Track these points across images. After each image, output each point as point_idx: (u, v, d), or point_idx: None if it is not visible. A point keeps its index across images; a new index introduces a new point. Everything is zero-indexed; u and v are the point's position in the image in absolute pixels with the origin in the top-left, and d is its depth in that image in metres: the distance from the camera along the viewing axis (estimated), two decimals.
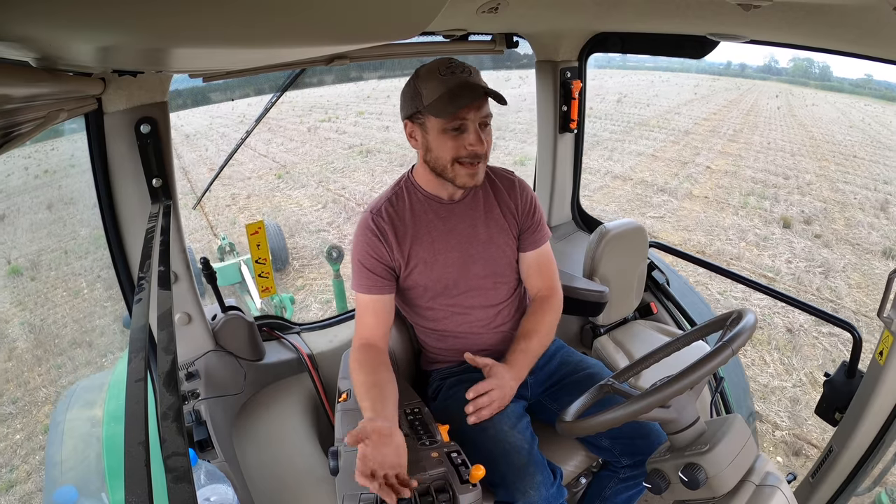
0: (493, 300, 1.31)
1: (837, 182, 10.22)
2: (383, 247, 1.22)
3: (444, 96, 1.10)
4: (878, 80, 31.32)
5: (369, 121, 17.49)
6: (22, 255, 5.31)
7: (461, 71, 1.13)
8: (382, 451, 0.93)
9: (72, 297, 4.77)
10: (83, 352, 3.99)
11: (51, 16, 0.28)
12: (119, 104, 1.17)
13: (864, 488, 1.40)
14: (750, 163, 11.57)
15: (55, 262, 5.22)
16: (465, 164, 1.16)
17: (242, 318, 1.53)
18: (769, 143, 13.73)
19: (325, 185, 9.63)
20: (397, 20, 0.49)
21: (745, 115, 19.00)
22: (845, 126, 17.47)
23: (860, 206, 8.71)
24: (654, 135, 14.73)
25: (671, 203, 8.56)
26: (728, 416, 0.98)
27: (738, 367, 2.13)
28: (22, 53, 0.46)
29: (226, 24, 0.36)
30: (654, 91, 26.79)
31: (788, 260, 6.41)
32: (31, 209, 6.54)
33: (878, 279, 5.79)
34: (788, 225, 7.53)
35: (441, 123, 1.13)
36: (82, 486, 1.71)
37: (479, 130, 1.14)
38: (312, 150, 13.23)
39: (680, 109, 20.18)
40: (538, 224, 1.34)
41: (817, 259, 6.40)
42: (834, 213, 8.26)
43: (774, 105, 22.79)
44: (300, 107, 21.16)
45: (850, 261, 6.38)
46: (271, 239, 5.45)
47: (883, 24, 0.83)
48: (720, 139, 14.23)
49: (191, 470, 0.47)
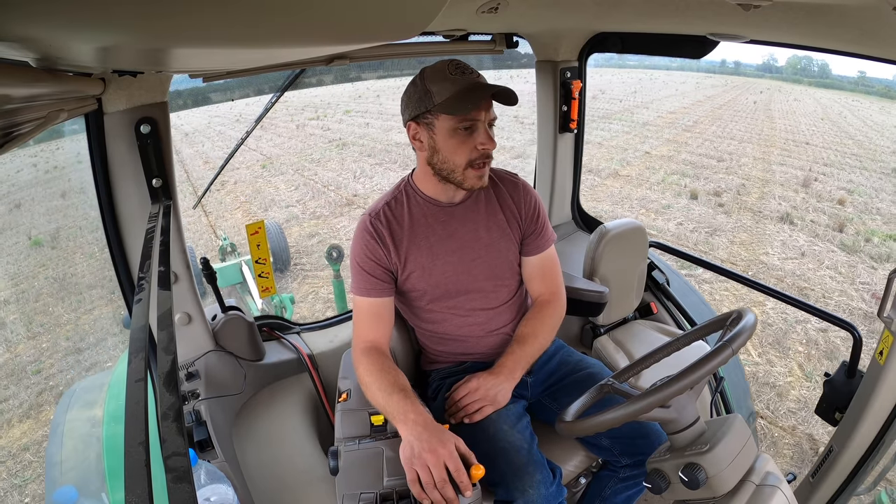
0: (493, 303, 1.31)
1: (773, 164, 11.09)
2: (381, 249, 1.22)
3: (458, 94, 1.10)
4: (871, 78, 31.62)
5: (353, 118, 18.90)
6: (41, 233, 6.32)
7: (470, 72, 1.13)
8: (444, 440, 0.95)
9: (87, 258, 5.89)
10: (98, 291, 5.17)
11: (51, 16, 0.28)
12: (119, 104, 1.17)
13: (864, 488, 1.40)
14: (693, 149, 12.40)
15: (72, 235, 6.28)
16: (476, 167, 1.16)
17: (242, 318, 1.53)
18: (723, 133, 14.56)
19: (300, 172, 11.02)
20: (397, 20, 0.49)
21: (714, 109, 19.62)
22: (817, 119, 18.08)
23: (782, 183, 9.59)
24: (612, 126, 15.49)
25: (593, 181, 9.49)
26: (728, 416, 0.98)
27: (738, 367, 2.13)
28: (22, 53, 0.46)
29: (226, 24, 0.36)
30: (634, 88, 27.36)
31: (680, 223, 7.39)
32: (45, 198, 7.58)
33: (763, 238, 6.90)
34: (695, 196, 8.57)
35: (453, 122, 1.12)
36: (82, 486, 1.71)
37: (488, 130, 1.14)
38: (296, 145, 14.56)
39: (651, 105, 20.83)
40: (542, 228, 1.32)
41: (710, 223, 7.39)
42: (752, 188, 9.19)
43: (752, 100, 23.35)
44: (293, 106, 22.17)
45: (745, 225, 7.34)
46: (272, 240, 5.46)
47: (883, 24, 0.83)
48: (675, 130, 15.05)
49: (191, 470, 0.47)
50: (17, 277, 5.38)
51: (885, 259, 6.28)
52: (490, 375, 1.20)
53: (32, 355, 3.96)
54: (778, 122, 17.11)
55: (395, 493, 0.94)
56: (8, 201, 7.11)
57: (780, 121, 17.34)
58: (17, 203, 7.22)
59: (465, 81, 1.11)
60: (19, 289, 5.17)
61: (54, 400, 3.41)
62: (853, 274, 5.90)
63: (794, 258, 6.36)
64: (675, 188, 9.13)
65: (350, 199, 8.88)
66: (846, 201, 8.54)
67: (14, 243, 5.99)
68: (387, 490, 0.95)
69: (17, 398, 3.36)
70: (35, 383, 3.57)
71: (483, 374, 1.21)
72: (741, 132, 14.92)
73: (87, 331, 4.38)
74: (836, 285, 5.69)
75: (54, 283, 5.34)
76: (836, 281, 5.79)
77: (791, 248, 6.65)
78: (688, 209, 7.97)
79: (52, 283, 5.34)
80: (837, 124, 17.00)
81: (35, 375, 3.68)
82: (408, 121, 1.18)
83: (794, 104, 22.52)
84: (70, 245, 6.02)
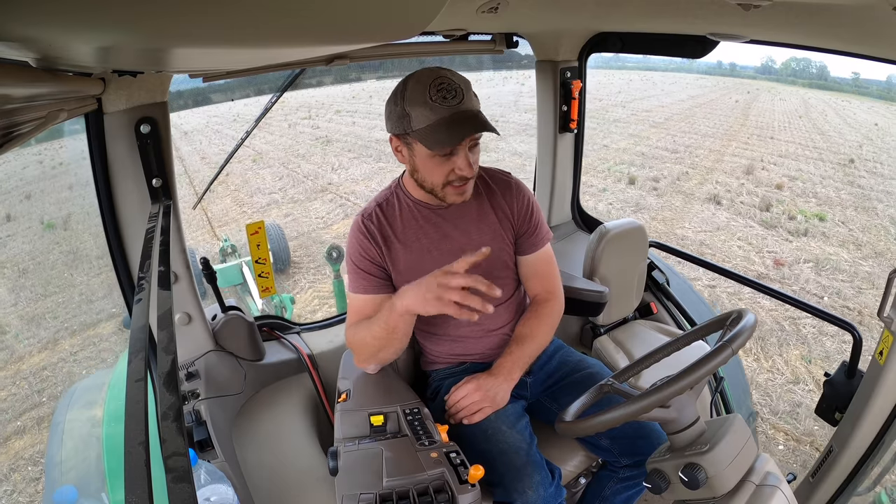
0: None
1: (726, 155, 11.69)
2: (374, 248, 1.22)
3: (435, 126, 1.04)
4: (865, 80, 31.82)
5: (342, 118, 19.96)
6: (53, 217, 6.86)
7: (453, 97, 1.05)
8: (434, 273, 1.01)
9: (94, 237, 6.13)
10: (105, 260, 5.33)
11: (51, 16, 0.28)
12: (119, 104, 1.17)
13: (864, 488, 1.40)
14: (653, 143, 12.89)
15: (81, 220, 6.70)
16: (455, 185, 1.14)
17: (242, 318, 1.53)
18: (690, 129, 15.03)
19: (286, 165, 12.24)
20: (397, 20, 0.49)
21: (692, 108, 19.94)
22: (794, 117, 18.33)
23: (726, 171, 10.20)
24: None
25: None
26: (728, 416, 0.98)
27: (739, 367, 2.13)
28: (22, 53, 0.45)
29: (226, 24, 0.36)
30: (619, 88, 27.56)
31: (610, 203, 8.10)
32: (54, 190, 8.08)
33: (685, 215, 7.59)
34: (633, 182, 9.24)
35: (430, 151, 1.08)
36: (82, 486, 1.71)
37: (468, 155, 1.10)
38: (286, 142, 15.52)
39: (629, 104, 21.13)
40: (536, 227, 1.31)
41: (638, 203, 8.06)
42: (694, 175, 9.82)
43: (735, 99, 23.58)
44: (288, 106, 22.78)
45: (673, 205, 8.04)
46: (272, 240, 5.47)
47: (883, 24, 0.83)
48: (642, 126, 15.50)
49: (191, 470, 0.47)
50: (33, 253, 6.04)
51: (802, 234, 6.82)
52: (489, 376, 1.20)
53: (49, 307, 4.78)
54: (751, 119, 17.34)
55: (394, 494, 0.94)
56: (18, 193, 7.52)
57: (753, 118, 17.59)
58: (28, 195, 7.66)
59: (445, 110, 1.04)
60: (36, 261, 5.80)
61: (69, 335, 4.32)
62: (762, 244, 6.46)
63: (709, 231, 6.95)
64: (618, 175, 9.75)
65: (325, 186, 9.99)
66: (784, 186, 9.05)
67: (28, 227, 6.52)
68: (386, 490, 0.94)
69: (37, 336, 4.31)
70: (52, 326, 4.48)
71: (482, 375, 1.21)
72: (708, 128, 15.31)
73: (96, 287, 5.15)
74: (741, 253, 6.23)
75: (68, 255, 6.12)
76: (744, 250, 6.32)
77: (709, 224, 7.22)
78: (623, 192, 8.64)
79: (67, 255, 6.11)
80: (814, 121, 17.19)
81: (53, 320, 4.56)
82: (389, 133, 1.16)
83: (778, 103, 22.63)
84: (79, 227, 6.48)
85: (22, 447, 3.08)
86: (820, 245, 6.52)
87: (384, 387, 1.24)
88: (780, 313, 4.48)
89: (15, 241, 6.15)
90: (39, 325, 4.46)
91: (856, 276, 5.61)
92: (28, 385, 3.64)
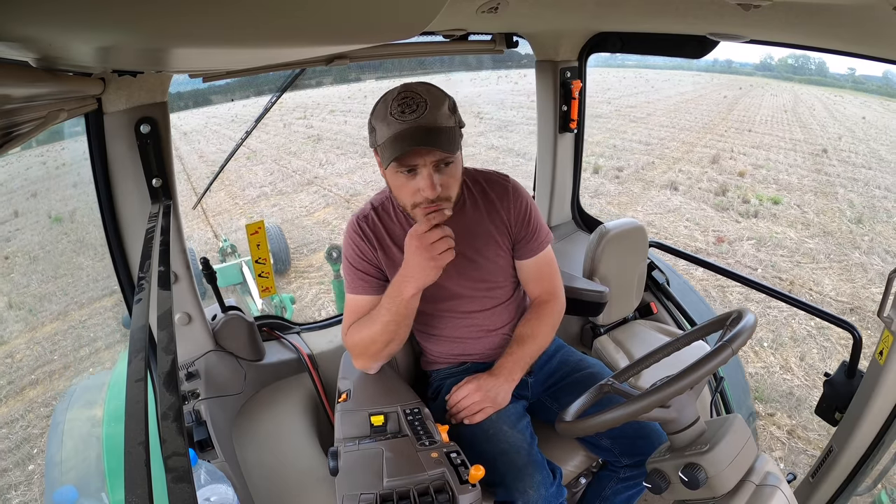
0: (487, 304, 1.30)
1: (697, 146, 11.99)
2: (369, 249, 1.23)
3: (391, 141, 1.02)
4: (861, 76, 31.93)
5: (335, 117, 20.72)
6: (60, 212, 7.33)
7: (412, 111, 1.02)
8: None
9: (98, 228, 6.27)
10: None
11: (51, 16, 0.28)
12: (119, 104, 1.17)
13: (864, 488, 1.40)
14: (628, 136, 13.12)
15: (87, 213, 7.04)
16: (422, 207, 1.08)
17: (242, 318, 1.53)
18: (669, 123, 15.23)
19: (276, 161, 12.90)
20: (397, 20, 0.49)
21: (677, 104, 20.08)
22: (780, 111, 18.45)
23: (692, 161, 10.54)
24: None
25: (515, 161, 10.57)
26: (728, 416, 0.98)
27: (738, 367, 2.13)
28: (22, 53, 0.46)
29: (226, 24, 0.36)
30: (609, 85, 27.69)
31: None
32: (59, 188, 8.39)
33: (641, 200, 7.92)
34: (597, 171, 9.70)
35: (393, 164, 1.04)
36: (82, 486, 1.71)
37: (432, 174, 1.05)
38: (280, 140, 16.14)
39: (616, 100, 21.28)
40: (534, 232, 1.29)
41: (597, 189, 8.56)
42: (661, 165, 10.12)
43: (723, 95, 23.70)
44: (286, 107, 23.12)
45: (632, 191, 8.39)
46: (272, 240, 5.48)
47: (883, 24, 0.83)
48: (622, 121, 15.73)
49: (191, 470, 0.47)
50: (42, 243, 6.50)
51: (752, 215, 7.10)
52: (489, 377, 1.20)
53: (60, 286, 5.39)
54: (735, 113, 17.45)
55: (395, 494, 0.94)
56: (24, 191, 7.94)
57: (738, 113, 17.71)
58: (34, 192, 8.03)
59: (399, 125, 1.01)
60: (45, 249, 6.29)
61: (77, 308, 4.91)
62: (709, 224, 6.79)
63: (660, 213, 7.23)
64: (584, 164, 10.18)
65: (311, 180, 10.59)
66: (747, 174, 9.30)
67: (36, 221, 6.96)
68: (387, 491, 0.94)
69: (49, 309, 4.92)
70: (62, 301, 5.08)
71: (482, 376, 1.21)
72: (688, 122, 15.47)
73: (101, 269, 5.48)
74: (685, 231, 6.54)
75: (76, 243, 6.59)
76: (689, 229, 6.63)
77: (661, 207, 7.49)
78: (585, 180, 8.97)
79: (74, 243, 6.60)
80: (799, 115, 17.27)
81: (63, 296, 5.17)
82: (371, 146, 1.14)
83: (768, 99, 22.63)
84: (85, 220, 6.83)
85: (35, 395, 3.67)
86: (768, 225, 6.77)
87: (384, 387, 1.24)
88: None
89: (24, 234, 6.61)
90: (51, 301, 5.09)
91: (797, 252, 5.82)
92: (41, 348, 4.27)
